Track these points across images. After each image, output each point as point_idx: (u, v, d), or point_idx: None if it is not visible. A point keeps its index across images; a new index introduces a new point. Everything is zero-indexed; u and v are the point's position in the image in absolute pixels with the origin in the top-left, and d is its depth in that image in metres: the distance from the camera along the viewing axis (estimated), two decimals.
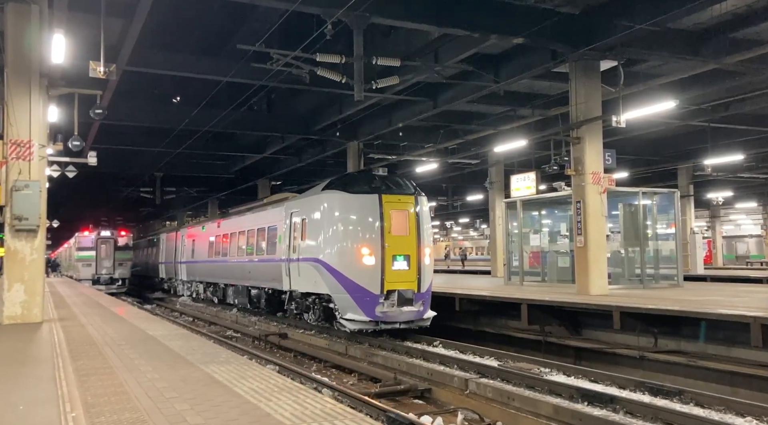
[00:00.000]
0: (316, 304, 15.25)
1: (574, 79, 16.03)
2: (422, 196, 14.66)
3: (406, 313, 13.72)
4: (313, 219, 14.87)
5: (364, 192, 14.13)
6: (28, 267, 12.04)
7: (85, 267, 37.64)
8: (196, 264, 27.42)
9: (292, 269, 15.96)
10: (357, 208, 13.98)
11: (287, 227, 16.38)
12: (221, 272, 23.62)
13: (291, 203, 16.83)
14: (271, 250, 17.86)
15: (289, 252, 16.08)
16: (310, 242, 14.94)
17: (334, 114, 22.97)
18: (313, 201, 15.12)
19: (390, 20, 14.07)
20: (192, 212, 51.50)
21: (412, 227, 14.10)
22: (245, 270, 20.41)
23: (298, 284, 15.67)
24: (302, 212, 15.62)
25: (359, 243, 13.70)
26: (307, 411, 5.47)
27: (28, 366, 7.64)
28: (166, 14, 15.84)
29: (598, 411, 8.10)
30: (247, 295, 20.78)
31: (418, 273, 13.92)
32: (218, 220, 24.75)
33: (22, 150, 12.03)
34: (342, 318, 13.81)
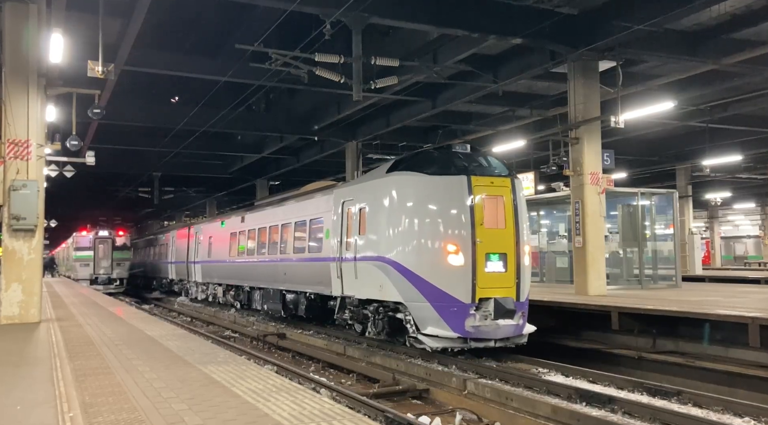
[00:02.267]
0: (379, 314, 12.36)
1: (573, 79, 16.04)
2: (518, 179, 12.01)
3: (504, 328, 10.97)
4: (378, 209, 12.11)
5: (447, 173, 11.35)
6: (25, 267, 12.02)
7: (82, 267, 37.59)
8: (213, 265, 24.34)
9: (345, 270, 13.18)
10: (439, 194, 11.27)
11: (338, 219, 13.65)
12: (246, 273, 20.52)
13: (342, 190, 14.04)
14: (315, 247, 15.14)
15: (341, 250, 13.36)
16: (372, 237, 12.19)
17: (333, 114, 22.97)
18: (377, 186, 12.29)
19: (389, 20, 14.07)
20: (190, 212, 51.51)
21: (509, 218, 11.38)
22: (278, 271, 17.51)
23: (355, 289, 12.85)
24: (360, 200, 12.83)
25: (443, 239, 11.02)
26: (305, 411, 5.46)
27: (26, 367, 7.62)
28: (164, 14, 15.82)
29: (597, 411, 8.09)
30: (281, 300, 17.66)
31: (516, 276, 11.23)
32: (241, 214, 21.55)
33: (20, 149, 12.01)
34: (420, 334, 11.07)
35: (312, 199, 15.91)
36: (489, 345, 11.09)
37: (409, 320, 11.33)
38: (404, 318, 11.49)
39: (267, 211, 19.16)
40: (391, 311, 11.97)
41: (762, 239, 51.16)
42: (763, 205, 48.28)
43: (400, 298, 11.39)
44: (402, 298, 11.33)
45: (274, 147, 28.64)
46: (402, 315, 11.56)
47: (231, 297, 22.75)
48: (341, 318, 14.16)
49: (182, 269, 29.30)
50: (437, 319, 10.85)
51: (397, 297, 11.44)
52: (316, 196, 15.67)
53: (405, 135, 26.09)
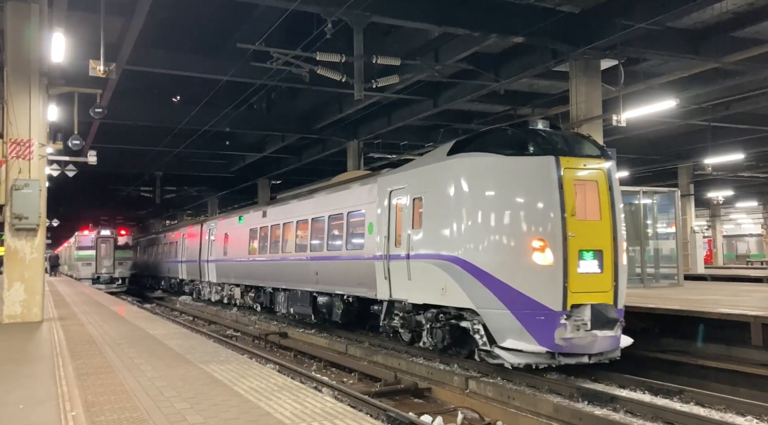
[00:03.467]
0: (439, 322, 10.66)
1: (575, 78, 16.02)
2: (613, 161, 10.21)
3: (602, 341, 9.22)
4: (439, 199, 10.47)
5: (529, 153, 9.62)
6: (28, 267, 12.05)
7: (84, 267, 37.65)
8: (230, 264, 22.55)
9: (395, 270, 11.62)
10: (521, 178, 9.56)
11: (384, 212, 12.11)
12: (269, 273, 18.78)
13: (389, 178, 12.36)
14: (355, 244, 13.58)
15: (388, 247, 11.81)
16: (431, 232, 10.58)
17: (334, 113, 22.97)
18: (438, 172, 10.62)
19: (390, 19, 14.07)
20: (192, 211, 51.57)
21: (605, 208, 9.65)
22: (308, 271, 15.76)
23: (407, 291, 11.27)
24: (414, 189, 11.20)
25: (527, 233, 9.36)
26: (307, 410, 5.47)
27: (28, 365, 7.64)
28: (165, 13, 15.83)
29: (599, 410, 8.09)
30: (311, 303, 15.92)
31: (614, 278, 9.54)
32: (263, 209, 19.84)
33: (22, 149, 12.03)
34: (496, 347, 9.45)
35: (350, 190, 14.15)
36: (582, 362, 9.38)
37: (478, 330, 9.73)
38: (471, 328, 9.87)
39: (293, 205, 17.41)
40: (453, 319, 10.33)
41: (764, 238, 51.09)
42: (765, 203, 48.21)
43: (469, 304, 9.71)
44: (473, 304, 9.64)
45: (275, 146, 28.66)
46: (468, 324, 9.96)
47: (251, 299, 20.98)
48: (388, 326, 12.31)
49: (194, 269, 27.73)
50: (519, 330, 9.15)
51: (466, 302, 9.77)
52: (355, 186, 13.92)
53: (406, 134, 26.09)
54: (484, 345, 9.68)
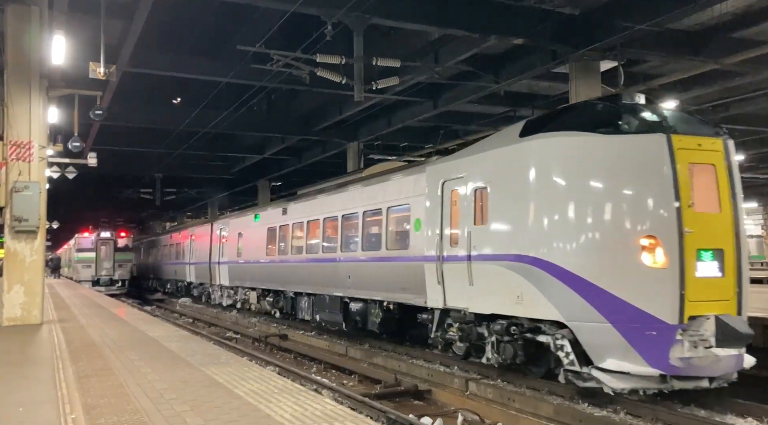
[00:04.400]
0: (510, 336, 9.12)
1: (575, 79, 16.01)
2: (731, 141, 8.51)
3: (726, 361, 7.69)
4: (511, 188, 8.92)
5: (632, 130, 8.12)
6: (27, 269, 12.05)
7: (84, 269, 37.64)
8: (245, 266, 21.02)
9: (451, 274, 10.09)
10: (622, 162, 8.00)
11: (436, 205, 10.63)
12: (290, 276, 17.18)
13: (442, 166, 10.79)
14: (398, 243, 12.20)
15: (442, 246, 10.31)
16: (501, 228, 9.06)
17: (334, 115, 22.98)
18: (510, 156, 9.04)
19: (390, 21, 14.07)
20: (192, 213, 51.56)
21: (725, 198, 8.09)
22: (339, 273, 14.23)
23: (468, 299, 9.70)
24: (476, 178, 9.66)
25: (632, 229, 7.82)
26: (307, 412, 5.46)
27: (28, 368, 7.63)
28: (166, 15, 15.84)
29: (599, 411, 8.08)
30: (342, 310, 14.33)
31: (737, 283, 8.00)
32: (282, 206, 18.30)
33: (22, 151, 12.04)
34: (595, 369, 7.88)
35: (390, 182, 12.63)
36: (701, 386, 7.81)
37: (562, 346, 8.21)
38: (553, 344, 8.37)
39: (319, 201, 15.78)
40: (529, 332, 8.80)
41: (764, 239, 51.04)
42: (766, 204, 48.19)
43: (555, 315, 8.15)
44: (560, 315, 8.08)
45: (275, 148, 28.66)
46: (549, 339, 8.45)
47: (269, 304, 19.37)
48: (441, 338, 10.79)
49: (203, 271, 26.15)
50: (623, 348, 7.57)
51: (550, 312, 8.21)
52: (397, 178, 12.40)
53: (406, 135, 26.09)
54: (571, 364, 8.13)
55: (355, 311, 13.76)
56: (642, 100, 8.69)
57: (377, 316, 12.92)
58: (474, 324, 9.93)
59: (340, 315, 14.42)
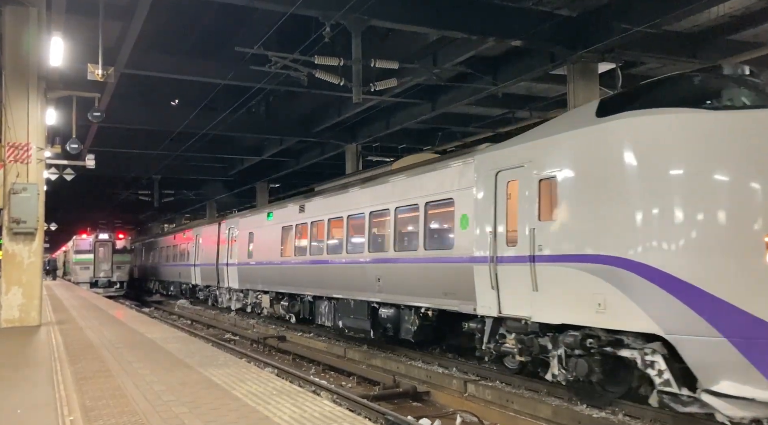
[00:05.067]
0: (583, 349, 7.90)
1: (572, 81, 16.04)
2: None
3: None
4: (590, 177, 7.73)
5: (748, 105, 7.00)
6: (26, 271, 12.04)
7: (83, 270, 37.61)
8: (256, 268, 19.81)
9: (508, 277, 8.92)
10: (739, 144, 6.79)
11: (487, 199, 9.48)
12: (309, 278, 15.93)
13: (495, 154, 9.58)
14: (439, 242, 11.09)
15: (495, 245, 9.16)
16: (577, 224, 7.86)
17: (333, 116, 23.00)
18: (587, 139, 7.85)
19: (388, 23, 14.08)
20: (190, 215, 51.54)
21: None
22: (367, 276, 13.05)
23: (531, 306, 8.50)
24: (541, 166, 8.47)
25: (755, 225, 6.52)
26: (305, 414, 5.46)
27: (26, 370, 7.62)
28: (164, 17, 15.84)
29: (598, 413, 8.08)
30: (370, 316, 13.24)
31: None
32: (299, 203, 17.01)
33: (20, 153, 12.04)
34: (705, 393, 6.62)
35: (429, 174, 11.38)
36: None
37: (654, 363, 7.05)
38: (641, 360, 7.22)
39: (342, 197, 14.58)
40: (609, 345, 7.61)
41: None
42: None
43: (651, 326, 6.91)
44: (659, 327, 6.84)
45: (274, 149, 28.67)
46: (635, 354, 7.31)
47: (283, 309, 18.10)
48: (494, 350, 9.54)
49: (210, 273, 24.86)
50: (744, 367, 6.32)
51: (645, 323, 6.97)
52: (438, 169, 11.09)
53: (405, 137, 26.12)
54: (666, 384, 6.94)
55: (386, 318, 12.55)
56: (747, 71, 7.43)
57: (413, 324, 11.65)
58: (536, 335, 8.68)
59: (367, 322, 13.28)
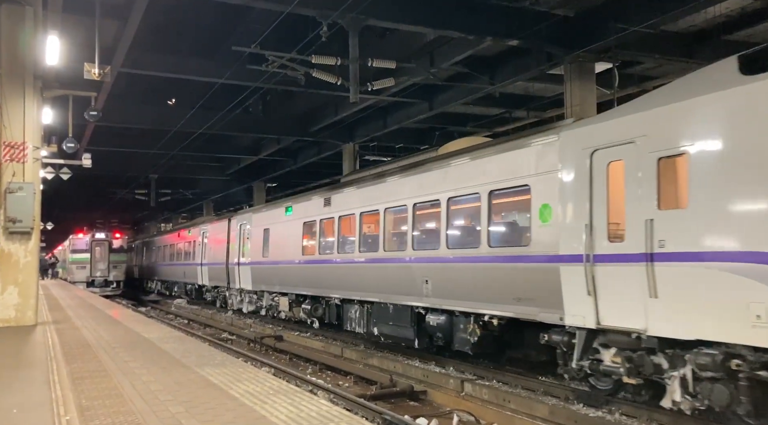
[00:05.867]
0: (721, 372, 6.48)
1: (569, 81, 16.06)
2: None
3: None
4: (741, 151, 6.34)
5: None
6: (21, 270, 12.01)
7: (79, 270, 37.54)
8: (273, 267, 18.27)
9: (611, 279, 7.50)
10: None
11: (579, 184, 8.02)
12: (337, 279, 14.44)
13: (590, 130, 8.04)
14: (508, 239, 9.80)
15: (592, 241, 7.75)
16: (722, 211, 6.39)
17: (330, 116, 23.00)
18: (732, 103, 6.46)
19: (385, 22, 14.09)
20: (187, 214, 51.47)
21: None
22: (411, 277, 11.57)
23: (646, 316, 7.03)
24: (660, 140, 7.05)
25: None
26: (302, 413, 5.46)
27: (22, 370, 7.60)
28: (161, 16, 15.82)
29: (594, 412, 8.10)
30: (414, 323, 11.81)
31: None
32: (324, 195, 15.51)
33: (16, 152, 12.00)
34: None
35: (493, 158, 9.79)
36: None
37: None
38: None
39: (379, 187, 13.02)
40: (762, 368, 6.16)
41: None
42: None
43: None
44: None
45: (271, 149, 28.66)
46: None
47: (305, 313, 16.40)
48: (588, 369, 8.01)
49: (219, 273, 23.37)
50: None
51: None
52: (507, 151, 9.54)
53: (402, 136, 26.14)
54: None
55: (436, 325, 10.98)
56: None
57: (471, 334, 10.12)
58: (650, 351, 7.16)
59: (410, 330, 11.81)
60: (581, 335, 8.00)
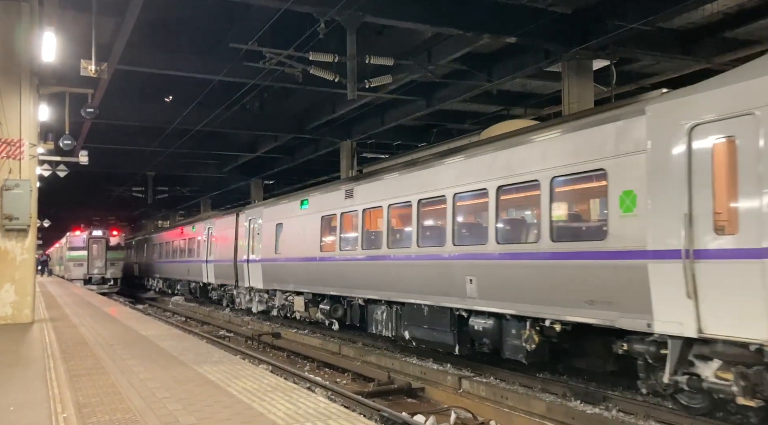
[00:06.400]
0: None
1: (567, 78, 16.07)
2: None
3: None
4: None
5: None
6: (18, 267, 11.99)
7: (76, 267, 37.47)
8: (287, 264, 17.22)
9: (720, 279, 6.43)
10: None
11: (675, 164, 6.96)
12: (360, 278, 13.34)
13: (683, 101, 7.19)
14: (576, 230, 8.94)
15: (691, 235, 6.70)
16: None
17: (327, 113, 22.95)
18: None
19: (383, 19, 14.06)
20: (184, 211, 51.41)
21: None
22: (452, 275, 10.40)
23: (766, 324, 6.03)
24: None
25: None
26: (300, 410, 5.46)
27: (19, 367, 7.59)
28: (158, 13, 15.77)
29: (591, 409, 8.12)
30: (454, 327, 10.65)
31: None
32: (346, 186, 14.49)
33: (13, 149, 11.97)
34: None
35: (557, 139, 8.72)
36: None
37: None
38: None
39: (411, 177, 11.93)
40: None
41: None
42: None
43: None
44: None
45: (268, 146, 28.62)
46: None
47: (323, 314, 15.35)
48: (686, 385, 6.88)
49: (226, 271, 22.48)
50: None
51: None
52: (576, 130, 8.45)
53: (399, 134, 26.11)
54: None
55: (481, 330, 9.87)
56: None
57: (528, 341, 8.94)
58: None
59: (450, 335, 10.69)
60: (676, 345, 6.80)
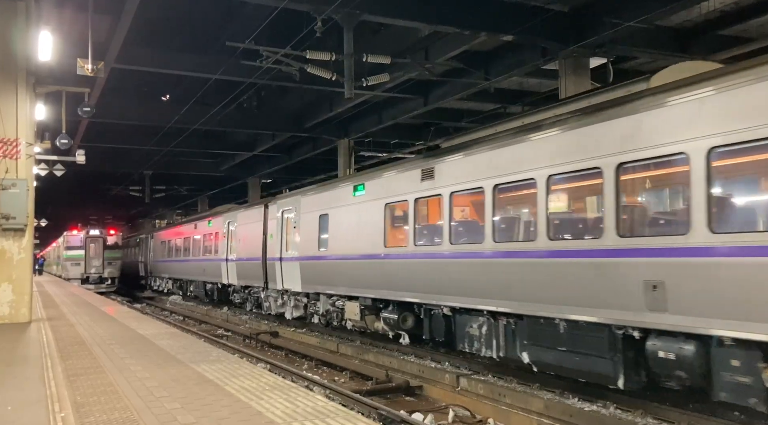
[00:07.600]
0: None
1: (564, 76, 16.08)
2: None
3: None
4: None
5: None
6: (15, 267, 11.97)
7: (73, 267, 37.40)
8: (337, 263, 14.26)
9: None
10: None
11: None
12: (450, 280, 10.38)
13: None
14: None
15: None
16: None
17: (325, 111, 22.95)
18: None
19: (380, 18, 14.07)
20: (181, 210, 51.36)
21: None
22: (617, 280, 7.43)
23: None
24: None
25: None
26: (298, 409, 5.46)
27: (16, 367, 7.58)
28: (154, 11, 15.74)
29: (589, 406, 8.13)
30: (619, 352, 7.57)
31: None
32: (421, 165, 11.40)
33: (9, 148, 11.95)
34: None
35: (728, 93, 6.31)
36: None
37: None
38: None
39: (532, 145, 8.86)
40: None
41: None
42: None
43: None
44: None
45: (265, 145, 28.61)
46: None
47: (387, 324, 12.45)
48: None
49: (252, 270, 19.84)
50: None
51: None
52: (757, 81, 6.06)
53: (397, 132, 26.11)
54: None
55: (672, 361, 6.89)
56: None
57: None
58: None
59: (609, 362, 7.64)
60: None
